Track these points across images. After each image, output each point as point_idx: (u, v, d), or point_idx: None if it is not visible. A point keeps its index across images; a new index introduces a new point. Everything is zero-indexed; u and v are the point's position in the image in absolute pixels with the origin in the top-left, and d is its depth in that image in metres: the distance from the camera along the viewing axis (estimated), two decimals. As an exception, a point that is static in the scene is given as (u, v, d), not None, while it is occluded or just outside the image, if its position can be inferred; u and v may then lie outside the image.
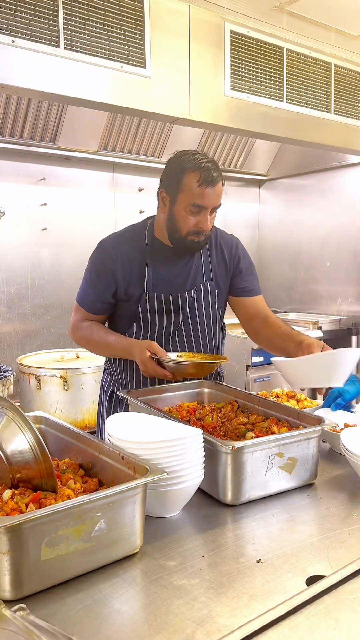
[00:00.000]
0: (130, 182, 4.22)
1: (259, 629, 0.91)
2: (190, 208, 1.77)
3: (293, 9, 2.88)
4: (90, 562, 1.06)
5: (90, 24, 2.45)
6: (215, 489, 1.35)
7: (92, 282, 1.94)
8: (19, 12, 2.27)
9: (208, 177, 1.73)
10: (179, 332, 1.95)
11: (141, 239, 1.92)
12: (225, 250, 2.02)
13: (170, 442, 1.25)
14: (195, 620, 0.93)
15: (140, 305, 1.88)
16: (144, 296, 1.88)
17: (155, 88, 2.71)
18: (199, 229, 1.80)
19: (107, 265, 1.89)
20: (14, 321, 3.82)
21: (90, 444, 1.32)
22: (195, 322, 1.95)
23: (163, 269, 1.90)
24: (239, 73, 3.02)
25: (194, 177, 1.74)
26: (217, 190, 1.77)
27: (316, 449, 1.44)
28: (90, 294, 1.95)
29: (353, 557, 1.11)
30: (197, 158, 1.76)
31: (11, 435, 1.21)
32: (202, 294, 1.95)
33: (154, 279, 1.89)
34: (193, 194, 1.75)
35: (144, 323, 1.91)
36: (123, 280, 1.88)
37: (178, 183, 1.77)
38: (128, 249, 1.90)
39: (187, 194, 1.76)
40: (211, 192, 1.75)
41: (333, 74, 3.46)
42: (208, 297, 1.97)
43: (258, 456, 1.34)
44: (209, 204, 1.77)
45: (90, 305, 1.96)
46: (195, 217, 1.78)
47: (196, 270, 1.95)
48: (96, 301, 1.94)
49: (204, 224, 1.79)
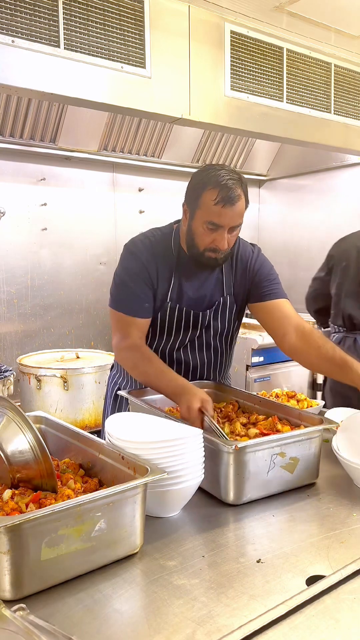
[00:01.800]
0: (130, 182, 4.22)
1: (259, 629, 0.91)
2: (207, 225, 1.70)
3: (293, 9, 2.88)
4: (90, 562, 1.06)
5: (90, 24, 2.45)
6: (217, 488, 1.36)
7: (132, 282, 1.81)
8: (19, 12, 2.27)
9: (226, 196, 1.66)
10: (191, 343, 1.92)
11: (168, 246, 1.87)
12: (245, 262, 1.95)
13: (170, 442, 1.25)
14: (195, 620, 0.93)
15: (160, 313, 1.85)
16: (166, 305, 1.84)
17: (155, 88, 2.71)
18: (215, 246, 1.73)
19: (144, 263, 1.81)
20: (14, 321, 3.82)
21: (90, 444, 1.33)
22: (209, 335, 1.93)
23: (187, 281, 1.86)
24: (239, 73, 3.02)
25: (212, 194, 1.67)
26: (236, 209, 1.69)
27: (317, 448, 1.44)
28: (134, 295, 1.81)
29: (353, 557, 1.11)
30: (220, 174, 1.68)
31: (11, 435, 1.21)
32: (220, 308, 1.91)
33: (178, 290, 1.85)
34: (210, 212, 1.68)
35: (160, 331, 1.88)
36: (154, 279, 1.82)
37: (197, 199, 1.71)
38: (158, 253, 1.85)
39: (204, 211, 1.70)
40: (229, 211, 1.68)
41: (333, 74, 3.45)
42: (226, 312, 1.93)
43: (260, 456, 1.34)
44: (226, 223, 1.70)
45: (136, 307, 1.81)
46: (210, 234, 1.72)
47: (217, 283, 1.91)
48: (142, 301, 1.81)
49: (220, 242, 1.72)
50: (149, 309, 1.83)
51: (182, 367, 1.92)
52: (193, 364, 1.94)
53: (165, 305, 1.84)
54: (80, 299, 4.07)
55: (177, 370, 1.80)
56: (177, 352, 1.92)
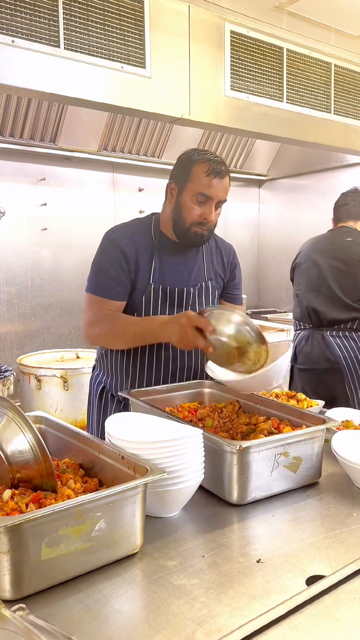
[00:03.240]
0: (130, 182, 4.22)
1: (259, 629, 0.91)
2: (197, 197, 1.81)
3: (293, 9, 2.88)
4: (90, 562, 1.06)
5: (90, 24, 2.45)
6: (220, 489, 1.36)
7: (106, 266, 1.87)
8: (19, 12, 2.27)
9: (215, 168, 1.79)
10: None
11: (148, 232, 1.93)
12: (224, 254, 2.07)
13: (170, 442, 1.25)
14: (195, 620, 0.93)
15: (145, 295, 1.88)
16: (149, 287, 1.88)
17: (155, 88, 2.71)
18: (203, 219, 1.83)
19: (121, 248, 1.86)
20: (14, 321, 3.83)
21: (90, 444, 1.32)
22: None
23: (169, 263, 1.92)
24: (239, 73, 3.02)
25: (203, 167, 1.80)
26: (224, 183, 1.82)
27: (320, 448, 1.44)
28: (107, 278, 1.86)
29: (353, 557, 1.11)
30: (207, 153, 1.85)
31: (11, 435, 1.21)
32: (203, 291, 1.98)
33: (159, 271, 1.90)
34: (201, 183, 1.80)
35: (146, 314, 1.90)
36: (133, 265, 1.87)
37: (187, 173, 1.82)
38: (136, 237, 1.90)
39: (195, 182, 1.80)
40: (218, 183, 1.80)
41: (333, 74, 3.46)
42: (209, 296, 1.99)
43: (264, 456, 1.34)
44: (215, 195, 1.81)
45: (109, 290, 1.86)
46: (200, 208, 1.82)
47: (199, 268, 1.98)
48: (116, 285, 1.86)
49: (208, 215, 1.83)
50: (123, 293, 1.87)
51: (170, 351, 1.91)
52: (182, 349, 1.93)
53: (149, 288, 1.88)
54: (80, 299, 4.07)
55: (167, 356, 1.90)
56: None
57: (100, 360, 2.06)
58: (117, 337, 1.88)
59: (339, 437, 1.50)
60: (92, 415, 2.10)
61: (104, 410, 2.01)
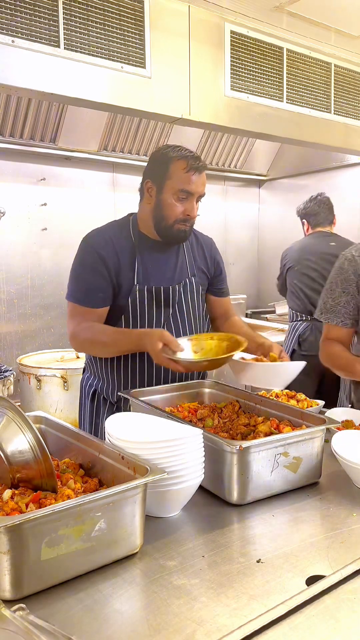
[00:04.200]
0: (130, 182, 4.22)
1: (259, 629, 0.91)
2: (178, 194, 1.81)
3: (293, 9, 2.88)
4: (90, 562, 1.06)
5: (90, 24, 2.45)
6: (220, 489, 1.36)
7: (86, 274, 1.86)
8: (19, 12, 2.27)
9: (194, 164, 1.80)
10: (167, 325, 1.93)
11: (126, 233, 1.93)
12: (206, 249, 2.08)
13: (170, 442, 1.25)
14: (195, 620, 0.93)
15: (130, 297, 1.87)
16: (134, 288, 1.86)
17: (155, 88, 2.71)
18: (186, 216, 1.83)
19: (99, 253, 1.85)
20: (14, 321, 3.83)
21: (90, 444, 1.32)
22: (183, 315, 1.95)
23: (151, 262, 1.91)
24: (239, 73, 3.02)
25: (181, 164, 1.80)
26: (202, 178, 1.83)
27: (320, 448, 1.44)
28: (88, 286, 1.86)
29: (353, 557, 1.11)
30: (181, 149, 1.84)
31: (11, 435, 1.21)
32: (188, 288, 1.96)
33: (143, 271, 1.89)
34: (181, 180, 1.80)
35: (133, 316, 1.88)
36: (114, 269, 1.86)
37: (165, 170, 1.82)
38: (115, 240, 1.89)
39: (175, 180, 1.80)
40: (198, 179, 1.81)
41: (333, 74, 3.46)
42: (194, 292, 1.99)
43: (264, 456, 1.34)
44: (196, 191, 1.82)
45: (90, 298, 1.86)
46: (182, 204, 1.82)
47: (182, 265, 1.98)
48: (97, 292, 1.86)
49: (191, 210, 1.83)
50: (104, 299, 1.87)
51: None
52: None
53: (134, 289, 1.87)
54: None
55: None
56: None
57: (90, 364, 2.05)
58: (101, 348, 1.90)
59: (339, 437, 1.50)
60: (84, 417, 2.08)
61: (96, 413, 1.99)
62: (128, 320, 1.88)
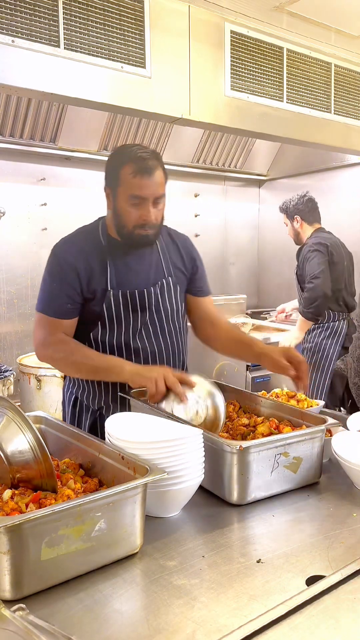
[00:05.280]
0: (130, 182, 4.22)
1: (259, 629, 0.91)
2: (131, 200, 1.74)
3: (293, 9, 2.88)
4: (91, 562, 1.06)
5: (90, 24, 2.45)
6: (220, 489, 1.35)
7: (55, 283, 1.82)
8: (19, 12, 2.27)
9: (142, 166, 1.71)
10: (145, 328, 1.87)
11: (96, 238, 1.88)
12: (182, 248, 2.00)
13: (170, 442, 1.25)
14: (195, 620, 0.93)
15: (105, 303, 1.81)
16: (108, 294, 1.81)
17: (155, 88, 2.71)
18: (143, 221, 1.76)
19: (68, 263, 1.81)
20: (14, 321, 3.82)
21: (90, 444, 1.32)
22: (161, 317, 1.90)
23: (123, 266, 1.85)
24: (239, 73, 3.02)
25: (129, 168, 1.72)
26: (155, 179, 1.74)
27: (320, 448, 1.44)
28: (57, 296, 1.81)
29: (353, 557, 1.11)
30: (133, 150, 1.75)
31: (11, 436, 1.21)
32: (165, 289, 1.90)
33: (116, 276, 1.83)
34: (130, 185, 1.73)
35: (110, 322, 1.83)
36: (85, 277, 1.81)
37: (116, 177, 1.76)
38: (85, 247, 1.85)
39: (125, 186, 1.74)
40: (148, 182, 1.72)
41: (333, 74, 3.46)
42: (171, 293, 1.92)
43: (264, 456, 1.34)
44: (148, 194, 1.73)
45: (58, 308, 1.80)
46: (137, 210, 1.75)
47: (156, 266, 1.91)
48: (65, 302, 1.80)
49: (147, 216, 1.75)
50: (73, 310, 1.81)
51: (142, 357, 1.86)
52: (151, 351, 1.88)
53: (108, 295, 1.81)
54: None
55: (136, 361, 1.81)
56: (134, 341, 1.86)
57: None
58: (70, 366, 1.83)
59: (339, 438, 1.50)
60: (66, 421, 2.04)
61: (78, 419, 1.94)
62: (105, 326, 1.83)
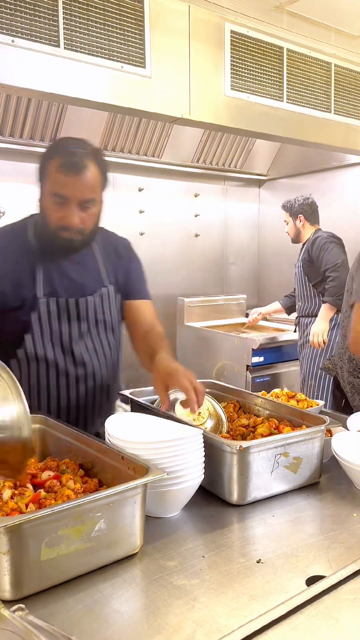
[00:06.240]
0: (130, 182, 4.22)
1: (259, 629, 0.91)
2: (52, 198, 1.54)
3: (293, 9, 2.88)
4: (90, 562, 1.06)
5: (90, 24, 2.45)
6: (220, 489, 1.35)
7: None
8: (19, 12, 2.27)
9: (68, 162, 1.50)
10: (80, 341, 1.69)
11: (23, 237, 1.68)
12: (121, 251, 1.84)
13: (170, 442, 1.25)
14: (195, 620, 0.93)
15: (34, 313, 1.62)
16: (38, 302, 1.61)
17: (155, 88, 2.71)
18: (64, 223, 1.56)
19: None
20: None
21: (90, 444, 1.32)
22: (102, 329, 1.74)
23: (57, 271, 1.65)
24: (239, 73, 3.02)
25: (56, 162, 1.52)
26: (83, 179, 1.52)
27: (320, 448, 1.44)
28: None
29: (353, 557, 1.11)
30: (67, 143, 1.59)
31: None
32: (105, 299, 1.73)
33: (47, 282, 1.64)
34: (54, 181, 1.53)
35: (42, 333, 1.63)
36: (11, 283, 1.61)
37: (44, 170, 1.57)
38: (11, 248, 1.66)
39: (50, 181, 1.55)
40: (74, 180, 1.51)
41: (333, 74, 3.45)
42: (112, 303, 1.76)
43: (264, 456, 1.34)
44: (71, 195, 1.52)
45: None
46: (59, 210, 1.55)
47: (96, 272, 1.73)
48: None
49: (69, 218, 1.54)
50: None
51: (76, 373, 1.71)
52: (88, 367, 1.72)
53: (38, 303, 1.61)
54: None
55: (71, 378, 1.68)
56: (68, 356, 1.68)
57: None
58: None
59: (339, 438, 1.50)
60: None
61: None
62: (34, 338, 1.64)
